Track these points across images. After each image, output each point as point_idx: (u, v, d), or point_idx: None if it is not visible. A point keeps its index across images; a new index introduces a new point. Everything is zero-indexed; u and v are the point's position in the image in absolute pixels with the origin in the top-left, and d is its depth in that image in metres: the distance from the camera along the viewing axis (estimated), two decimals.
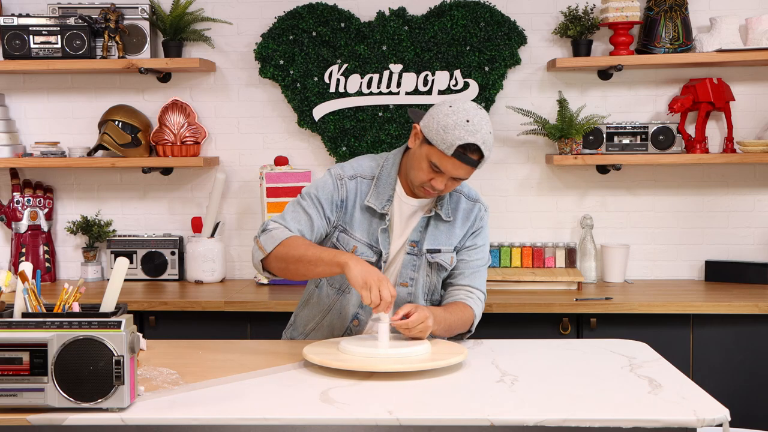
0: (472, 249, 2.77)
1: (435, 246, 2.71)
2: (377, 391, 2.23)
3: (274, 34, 4.13)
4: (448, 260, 2.73)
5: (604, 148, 4.02)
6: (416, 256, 2.70)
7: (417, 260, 2.71)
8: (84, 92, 4.29)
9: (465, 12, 4.06)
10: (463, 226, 2.75)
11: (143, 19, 4.09)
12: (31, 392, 2.05)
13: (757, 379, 3.59)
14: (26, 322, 2.07)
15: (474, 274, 2.77)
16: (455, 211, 2.75)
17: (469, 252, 2.77)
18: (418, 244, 2.70)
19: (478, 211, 2.78)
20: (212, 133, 4.27)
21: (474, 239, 2.77)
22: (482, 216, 2.79)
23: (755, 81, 4.11)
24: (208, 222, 4.13)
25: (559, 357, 2.60)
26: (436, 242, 2.71)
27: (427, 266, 2.72)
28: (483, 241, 2.80)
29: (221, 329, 3.67)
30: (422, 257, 2.70)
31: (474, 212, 2.77)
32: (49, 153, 4.12)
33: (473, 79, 4.08)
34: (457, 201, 2.76)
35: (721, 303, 3.57)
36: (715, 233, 4.16)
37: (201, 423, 2.06)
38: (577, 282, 3.87)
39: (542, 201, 4.20)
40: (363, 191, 2.69)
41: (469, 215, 2.76)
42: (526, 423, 2.03)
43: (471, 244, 2.77)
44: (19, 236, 4.19)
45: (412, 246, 2.70)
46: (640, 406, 2.11)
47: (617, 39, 3.97)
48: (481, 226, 2.78)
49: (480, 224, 2.78)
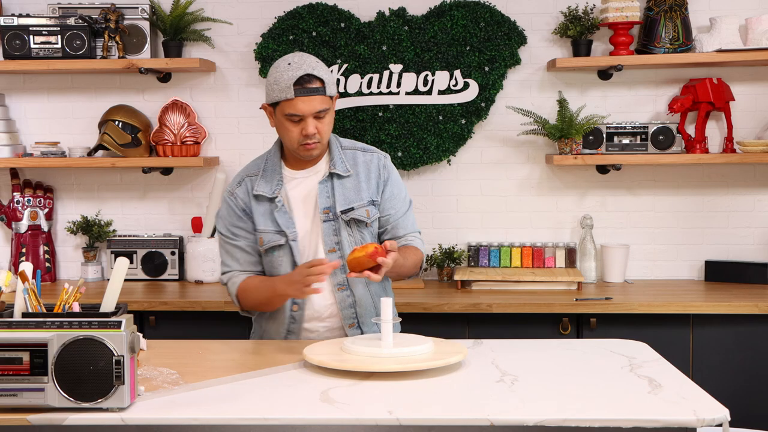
0: (391, 200, 2.84)
1: (346, 205, 2.78)
2: (377, 391, 2.24)
3: (274, 34, 4.13)
4: (364, 214, 2.79)
5: (604, 148, 4.02)
6: (333, 221, 2.77)
7: (335, 224, 2.78)
8: (84, 92, 4.29)
9: (465, 12, 4.06)
10: (368, 179, 2.82)
11: (143, 19, 4.09)
12: (31, 392, 2.05)
13: (757, 379, 3.59)
14: (26, 322, 2.07)
15: (405, 221, 2.87)
16: (354, 166, 2.82)
17: (391, 203, 2.84)
18: (331, 209, 2.77)
19: (378, 161, 2.85)
20: (212, 133, 4.27)
21: (389, 189, 2.84)
22: (384, 164, 2.86)
23: (755, 81, 4.11)
24: (208, 222, 4.14)
25: (559, 357, 2.60)
26: (347, 201, 2.78)
27: (347, 226, 2.78)
28: (397, 188, 2.87)
29: (221, 329, 3.66)
30: (338, 220, 2.77)
31: (374, 162, 2.84)
32: (49, 153, 4.12)
33: (473, 79, 4.08)
34: (353, 156, 2.84)
35: (721, 303, 3.57)
36: (715, 233, 4.16)
37: (201, 423, 2.06)
38: (577, 282, 3.87)
39: (542, 201, 4.20)
40: (253, 186, 2.81)
41: (370, 166, 2.84)
42: (526, 423, 2.03)
43: (388, 196, 2.84)
44: (19, 236, 4.20)
45: (326, 213, 2.77)
46: (640, 406, 2.11)
47: (617, 39, 3.97)
48: (387, 173, 2.85)
49: (386, 173, 2.85)
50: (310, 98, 2.65)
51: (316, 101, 2.66)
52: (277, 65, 2.71)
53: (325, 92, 2.69)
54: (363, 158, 2.84)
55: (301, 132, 2.69)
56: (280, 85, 2.66)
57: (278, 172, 2.80)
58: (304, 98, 2.65)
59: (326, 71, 2.71)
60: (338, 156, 2.81)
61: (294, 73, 2.65)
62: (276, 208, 2.77)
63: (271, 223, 2.78)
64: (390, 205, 2.84)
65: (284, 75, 2.66)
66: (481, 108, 4.10)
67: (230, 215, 2.83)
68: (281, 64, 2.70)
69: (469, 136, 4.13)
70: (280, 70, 2.69)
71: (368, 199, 2.80)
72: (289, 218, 2.77)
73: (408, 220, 2.89)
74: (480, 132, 4.18)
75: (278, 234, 2.77)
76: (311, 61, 2.70)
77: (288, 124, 2.70)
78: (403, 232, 2.86)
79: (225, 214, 2.85)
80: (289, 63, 2.68)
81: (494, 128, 4.18)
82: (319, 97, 2.67)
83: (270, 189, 2.78)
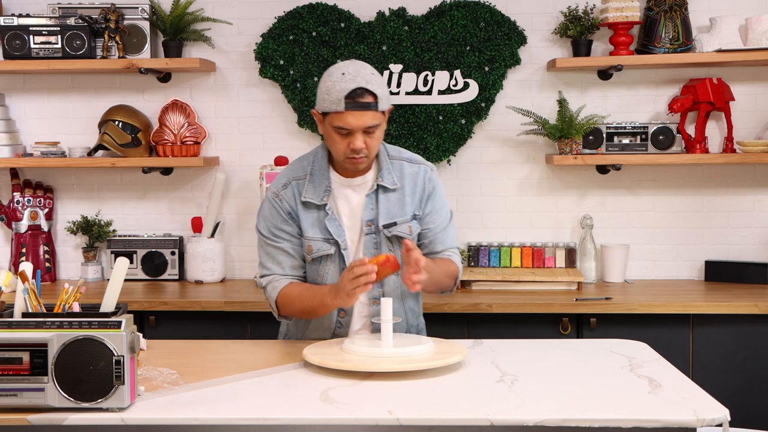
0: (432, 214, 2.78)
1: (390, 219, 2.71)
2: (377, 391, 2.24)
3: (274, 34, 4.13)
4: (406, 230, 2.73)
5: (604, 148, 4.02)
6: (375, 234, 2.72)
7: (377, 237, 2.72)
8: (84, 92, 4.29)
9: (465, 12, 4.06)
10: (413, 192, 2.75)
11: (143, 19, 4.09)
12: (31, 392, 2.06)
13: (757, 379, 3.59)
14: (26, 322, 2.07)
15: (444, 236, 2.80)
16: (401, 178, 2.75)
17: (431, 217, 2.78)
18: (373, 222, 2.71)
19: (425, 173, 2.78)
20: (212, 133, 4.27)
21: (431, 203, 2.78)
22: (430, 177, 2.79)
23: (755, 81, 4.11)
24: (208, 222, 4.14)
25: (559, 357, 2.60)
26: (390, 215, 2.72)
27: (387, 242, 2.72)
28: (440, 203, 2.80)
29: (221, 329, 3.67)
30: (380, 234, 2.72)
31: (421, 175, 2.77)
32: (49, 153, 4.12)
33: (473, 79, 4.08)
34: (400, 168, 2.76)
35: (721, 303, 3.57)
36: (715, 233, 4.16)
37: (201, 423, 2.06)
38: (577, 282, 3.87)
39: (542, 201, 4.20)
40: (300, 191, 2.72)
41: (417, 179, 2.76)
42: (526, 423, 2.03)
43: (430, 210, 2.78)
44: (19, 236, 4.20)
45: (369, 225, 2.71)
46: (640, 406, 2.11)
47: (617, 39, 3.97)
48: (432, 187, 2.78)
49: (431, 185, 2.78)
50: (361, 113, 2.55)
51: (367, 116, 2.57)
52: (330, 72, 2.60)
53: (377, 108, 2.58)
54: (410, 170, 2.76)
55: (348, 145, 2.60)
56: (332, 96, 2.56)
57: (326, 177, 2.71)
58: (354, 112, 2.55)
59: (380, 84, 2.60)
60: (386, 167, 2.73)
61: (347, 86, 2.54)
62: (326, 216, 2.69)
63: (320, 230, 2.69)
64: (430, 219, 2.77)
65: (337, 86, 2.55)
66: (481, 108, 4.10)
67: (274, 217, 2.73)
68: (335, 72, 2.59)
69: (469, 136, 4.13)
70: (333, 79, 2.58)
71: (411, 214, 2.73)
72: (339, 226, 2.69)
73: (447, 236, 2.81)
74: (480, 132, 4.18)
75: (327, 242, 2.69)
76: (366, 72, 2.58)
77: (336, 136, 2.60)
78: (441, 247, 2.79)
79: (268, 215, 2.75)
80: (343, 73, 2.57)
81: (494, 128, 4.18)
82: (371, 112, 2.57)
83: (318, 196, 2.69)
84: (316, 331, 2.79)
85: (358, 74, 2.56)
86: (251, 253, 4.26)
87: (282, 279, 2.73)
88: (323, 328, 2.77)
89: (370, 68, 2.62)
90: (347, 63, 2.62)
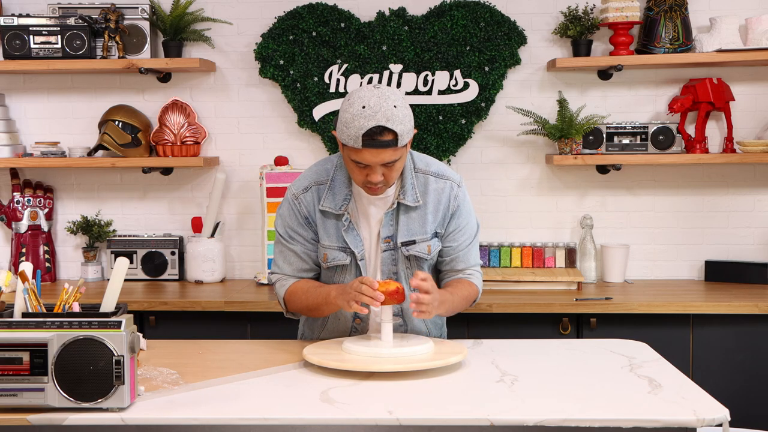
0: (456, 232, 2.69)
1: (409, 237, 2.64)
2: (377, 391, 2.24)
3: (274, 34, 4.13)
4: (425, 250, 2.65)
5: (604, 148, 4.02)
6: (393, 251, 2.65)
7: (395, 254, 2.65)
8: (84, 92, 4.29)
9: (465, 12, 4.06)
10: (436, 210, 2.66)
11: (143, 19, 4.09)
12: (31, 392, 2.06)
13: (757, 379, 3.59)
14: (26, 322, 2.07)
15: (467, 254, 2.72)
16: (425, 194, 2.65)
17: (454, 236, 2.69)
18: (392, 239, 2.64)
19: (451, 190, 2.67)
20: (212, 133, 4.27)
21: (456, 221, 2.68)
22: (456, 194, 2.68)
23: (755, 81, 4.11)
24: (208, 222, 4.13)
25: (559, 357, 2.60)
26: (410, 233, 2.64)
27: (405, 260, 2.66)
28: (465, 220, 2.70)
29: (221, 329, 3.67)
30: (398, 251, 2.65)
31: (446, 192, 2.66)
32: (49, 153, 4.12)
33: (473, 79, 4.08)
34: (424, 182, 2.66)
35: (721, 303, 3.57)
36: (715, 233, 4.16)
37: (201, 423, 2.06)
38: (577, 282, 3.87)
39: (542, 201, 4.20)
40: (320, 197, 2.66)
41: (441, 196, 2.66)
42: (526, 423, 2.03)
43: (454, 228, 2.69)
44: (19, 236, 4.20)
45: (387, 242, 2.64)
46: (640, 406, 2.11)
47: (617, 39, 3.97)
48: (457, 205, 2.68)
49: (456, 204, 2.68)
50: (379, 150, 2.45)
51: (385, 154, 2.46)
52: (351, 102, 2.46)
53: (396, 144, 2.46)
54: (435, 185, 2.65)
55: (366, 176, 2.52)
56: (350, 131, 2.44)
57: (346, 185, 2.63)
58: (372, 150, 2.45)
59: (401, 120, 2.45)
60: (410, 183, 2.63)
61: (365, 123, 2.42)
62: (343, 226, 2.62)
63: (336, 239, 2.64)
64: (453, 238, 2.68)
65: (355, 121, 2.43)
66: (481, 108, 4.10)
67: (291, 218, 2.68)
68: (356, 104, 2.45)
69: (469, 136, 4.13)
70: (352, 112, 2.45)
71: (432, 232, 2.65)
72: (356, 236, 2.63)
73: (470, 254, 2.72)
74: (480, 132, 4.18)
75: (343, 252, 2.63)
76: (388, 106, 2.44)
77: (353, 166, 2.52)
78: (463, 266, 2.71)
79: (286, 215, 2.69)
80: (363, 106, 2.43)
81: (494, 128, 4.18)
82: (390, 150, 2.46)
83: (336, 205, 2.62)
84: (331, 335, 2.77)
85: (378, 110, 2.43)
86: (251, 253, 4.26)
87: (290, 279, 2.71)
88: (339, 332, 2.76)
89: (395, 98, 2.47)
90: (371, 93, 2.47)
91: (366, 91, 2.48)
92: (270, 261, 4.02)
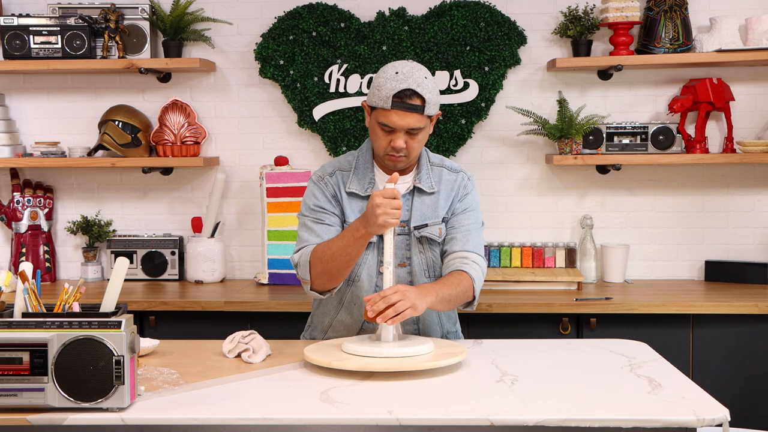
0: (460, 213, 2.77)
1: (421, 221, 2.73)
2: (377, 391, 2.24)
3: (274, 34, 4.13)
4: (436, 232, 2.74)
5: (604, 148, 4.02)
6: (407, 235, 2.73)
7: (408, 239, 2.73)
8: (84, 92, 4.29)
9: (465, 12, 4.06)
10: (448, 197, 2.77)
11: (143, 19, 4.09)
12: (31, 392, 2.06)
13: (757, 379, 3.59)
14: (26, 322, 2.07)
15: (466, 237, 2.73)
16: (439, 183, 2.76)
17: (457, 217, 2.76)
18: (407, 223, 2.72)
19: (462, 180, 2.80)
20: (212, 133, 4.27)
21: (461, 204, 2.77)
22: (466, 184, 2.80)
23: (755, 81, 4.11)
24: (208, 222, 4.14)
25: (559, 357, 2.60)
26: (422, 217, 2.73)
27: (418, 243, 2.73)
28: (471, 205, 2.79)
29: (221, 329, 3.65)
30: (411, 235, 2.72)
31: (458, 182, 2.79)
32: (49, 153, 4.12)
33: (473, 79, 4.08)
34: (439, 174, 2.78)
35: (721, 303, 3.57)
36: (715, 233, 4.16)
37: (201, 423, 2.06)
38: (577, 282, 3.87)
39: (542, 201, 4.20)
40: (345, 182, 2.74)
41: (453, 185, 2.78)
42: (526, 423, 2.03)
43: (459, 209, 2.77)
44: (19, 236, 4.20)
45: (402, 226, 2.72)
46: (640, 406, 2.11)
47: (617, 39, 3.97)
48: (466, 192, 2.79)
49: (465, 191, 2.79)
50: (406, 113, 2.58)
51: (411, 118, 2.58)
52: (386, 69, 2.63)
53: (423, 111, 2.59)
54: (448, 177, 2.78)
55: (390, 142, 2.62)
56: (381, 93, 2.58)
57: (370, 170, 2.74)
58: (399, 112, 2.57)
59: (431, 90, 2.60)
60: (426, 171, 2.75)
61: (397, 85, 2.56)
62: None
63: None
64: (455, 218, 2.75)
65: (388, 83, 2.58)
66: (481, 108, 4.10)
67: (318, 197, 2.73)
68: (389, 70, 2.61)
69: (469, 136, 4.14)
70: (386, 76, 2.60)
71: (442, 216, 2.74)
72: None
73: (469, 238, 2.73)
74: (480, 132, 4.18)
75: None
76: (419, 75, 2.59)
77: (379, 131, 2.63)
78: (459, 246, 2.71)
79: (313, 194, 2.74)
80: (396, 72, 2.59)
81: (494, 128, 4.18)
82: (416, 115, 2.58)
83: (362, 187, 2.72)
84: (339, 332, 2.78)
85: (410, 75, 2.58)
86: (251, 253, 4.26)
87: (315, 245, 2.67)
88: (347, 328, 2.77)
89: (426, 72, 2.63)
90: (404, 63, 2.63)
91: (400, 62, 2.64)
92: (270, 261, 4.03)
